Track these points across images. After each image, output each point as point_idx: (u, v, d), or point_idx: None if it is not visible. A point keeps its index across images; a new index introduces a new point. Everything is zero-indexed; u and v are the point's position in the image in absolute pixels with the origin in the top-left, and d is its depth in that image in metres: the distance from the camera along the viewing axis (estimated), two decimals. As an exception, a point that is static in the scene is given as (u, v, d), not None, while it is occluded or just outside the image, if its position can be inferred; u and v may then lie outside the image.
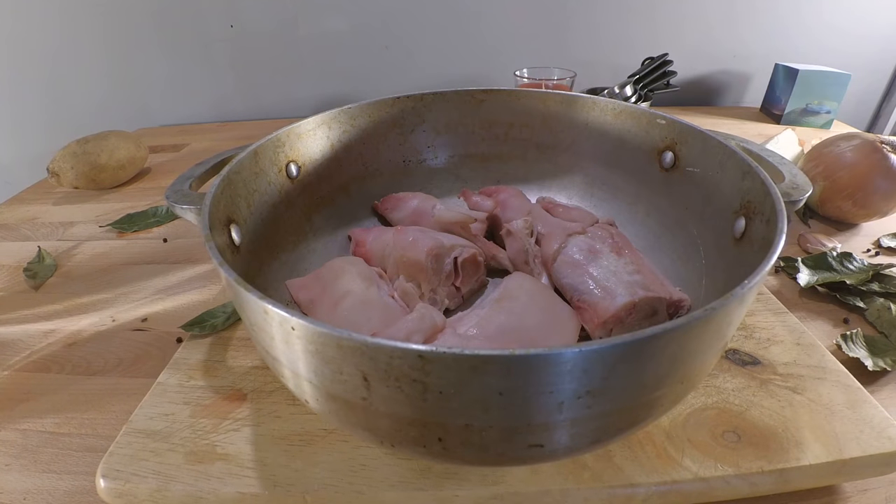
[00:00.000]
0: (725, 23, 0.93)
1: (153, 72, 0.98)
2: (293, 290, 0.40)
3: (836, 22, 0.92)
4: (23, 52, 0.94)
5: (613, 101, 0.48)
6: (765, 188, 0.32)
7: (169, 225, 0.63)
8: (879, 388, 0.37)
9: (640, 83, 0.82)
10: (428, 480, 0.29)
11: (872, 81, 0.98)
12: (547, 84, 0.79)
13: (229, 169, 0.36)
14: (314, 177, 0.47)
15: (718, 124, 0.88)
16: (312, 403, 0.25)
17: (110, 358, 0.43)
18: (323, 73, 0.99)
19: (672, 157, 0.44)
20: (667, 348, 0.21)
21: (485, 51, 0.97)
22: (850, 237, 0.56)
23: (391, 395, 0.21)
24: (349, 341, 0.20)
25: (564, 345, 0.19)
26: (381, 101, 0.50)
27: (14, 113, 1.00)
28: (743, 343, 0.38)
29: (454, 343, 0.32)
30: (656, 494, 0.29)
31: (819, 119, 0.87)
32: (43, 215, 0.68)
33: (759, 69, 0.97)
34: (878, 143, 0.54)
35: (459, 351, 0.19)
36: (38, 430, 0.37)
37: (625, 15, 0.93)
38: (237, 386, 0.36)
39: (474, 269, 0.43)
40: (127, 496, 0.29)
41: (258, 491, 0.29)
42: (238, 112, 1.03)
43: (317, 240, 0.47)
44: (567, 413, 0.21)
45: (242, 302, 0.24)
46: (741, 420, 0.32)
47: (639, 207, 0.48)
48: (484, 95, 0.53)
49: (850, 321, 0.44)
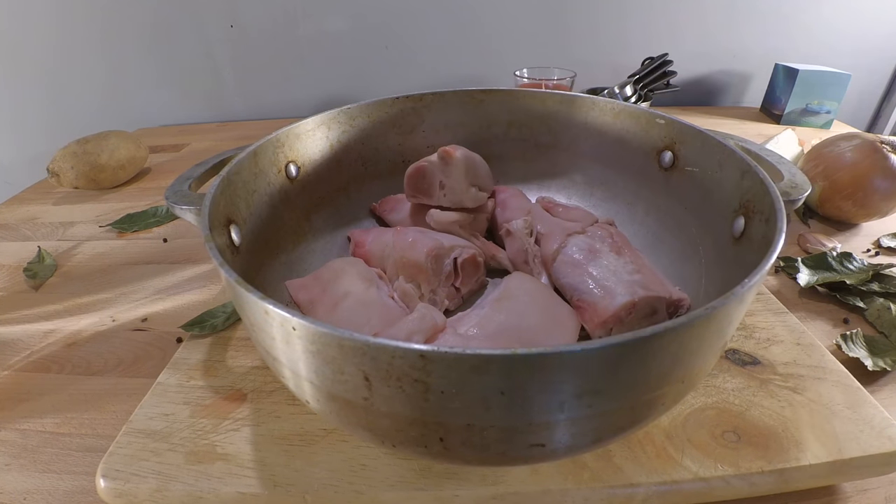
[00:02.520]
0: (725, 23, 0.93)
1: (153, 72, 0.98)
2: (293, 290, 0.40)
3: (836, 22, 0.92)
4: (23, 53, 0.94)
5: (612, 101, 0.48)
6: (764, 187, 0.32)
7: (169, 225, 0.63)
8: (879, 388, 0.38)
9: (640, 83, 0.82)
10: (428, 480, 0.29)
11: (872, 81, 0.98)
12: (547, 84, 0.79)
13: (229, 169, 0.36)
14: (313, 177, 0.47)
15: (718, 124, 0.88)
16: (313, 403, 0.25)
17: (110, 358, 0.43)
18: (323, 73, 0.99)
19: (671, 157, 0.44)
20: (667, 348, 0.21)
21: (485, 51, 0.97)
22: (849, 237, 0.56)
23: (392, 394, 0.21)
24: (351, 341, 0.20)
25: (565, 344, 0.19)
26: (381, 102, 0.50)
27: (14, 113, 1.00)
28: (743, 343, 0.38)
29: (455, 343, 0.32)
30: (656, 494, 0.29)
31: (819, 119, 0.87)
32: (43, 215, 0.68)
33: (759, 69, 0.97)
34: (878, 143, 0.54)
35: (461, 351, 0.19)
36: (38, 430, 0.37)
37: (625, 15, 0.93)
38: (237, 386, 0.36)
39: (474, 270, 0.43)
40: (127, 496, 0.29)
41: (258, 491, 0.29)
42: (238, 112, 1.03)
43: (316, 240, 0.47)
44: (568, 412, 0.21)
45: (243, 302, 0.24)
46: (741, 420, 0.32)
47: (638, 207, 0.48)
48: (483, 95, 0.53)
49: (849, 321, 0.44)
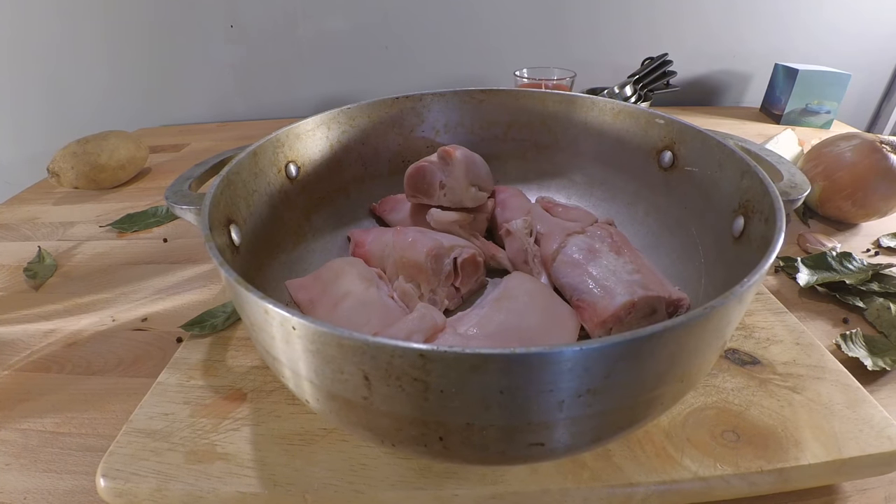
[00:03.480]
0: (725, 23, 0.93)
1: (153, 72, 0.98)
2: (293, 290, 0.40)
3: (836, 22, 0.92)
4: (23, 53, 0.94)
5: (612, 101, 0.48)
6: (763, 187, 0.32)
7: (169, 225, 0.63)
8: (879, 387, 0.38)
9: (640, 83, 0.82)
10: (427, 480, 0.29)
11: (872, 81, 0.99)
12: (547, 84, 0.79)
13: (229, 169, 0.36)
14: (313, 177, 0.47)
15: (718, 124, 0.88)
16: (313, 403, 0.25)
17: (110, 358, 0.43)
18: (323, 73, 0.99)
19: (671, 157, 0.44)
20: (666, 347, 0.21)
21: (485, 51, 0.97)
22: (849, 237, 0.56)
23: (392, 394, 0.21)
24: (351, 341, 0.20)
25: (565, 343, 0.19)
26: (381, 102, 0.50)
27: (14, 113, 1.00)
28: (742, 343, 0.38)
29: (454, 342, 0.32)
30: (655, 494, 0.29)
31: (819, 119, 0.87)
32: (43, 215, 0.68)
33: (759, 69, 0.97)
34: (878, 143, 0.54)
35: (460, 350, 0.19)
36: (38, 429, 0.37)
37: (625, 15, 0.93)
38: (237, 386, 0.36)
39: (474, 270, 0.43)
40: (127, 496, 0.30)
41: (258, 490, 0.29)
42: (238, 112, 1.03)
43: (316, 240, 0.47)
44: (567, 411, 0.21)
45: (243, 302, 0.24)
46: (740, 420, 0.32)
47: (638, 207, 0.48)
48: (483, 95, 0.53)
49: (849, 321, 0.44)
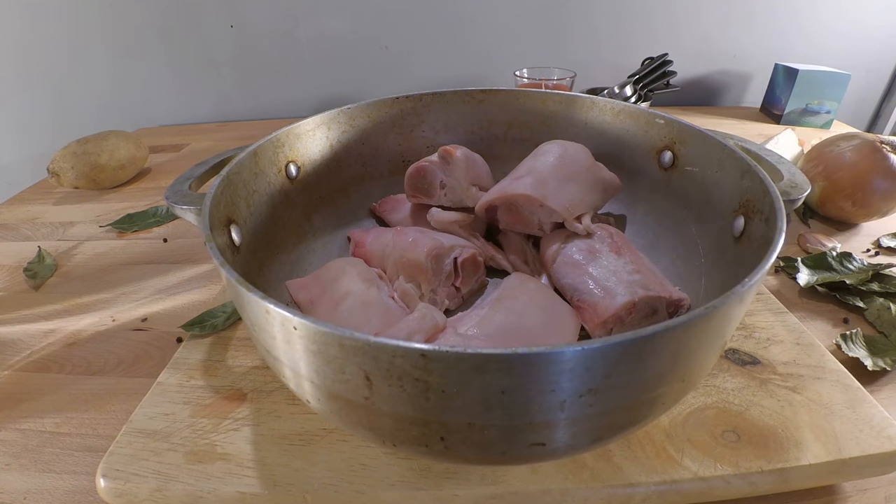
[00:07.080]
0: (725, 23, 0.93)
1: (153, 72, 0.98)
2: (293, 290, 0.40)
3: (836, 22, 0.92)
4: (23, 53, 0.94)
5: (612, 101, 0.48)
6: (763, 187, 0.32)
7: (169, 225, 0.63)
8: (879, 387, 0.38)
9: (640, 83, 0.82)
10: (428, 480, 0.29)
11: (872, 81, 0.99)
12: (546, 84, 0.79)
13: (229, 169, 0.36)
14: (314, 177, 0.47)
15: (718, 124, 0.88)
16: (313, 403, 0.25)
17: (110, 358, 0.43)
18: (323, 73, 0.99)
19: (671, 157, 0.44)
20: (667, 347, 0.21)
21: (485, 51, 0.97)
22: (849, 237, 0.56)
23: (393, 394, 0.21)
24: (352, 341, 0.20)
25: (566, 343, 0.19)
26: (381, 102, 0.50)
27: (15, 113, 1.00)
28: (742, 343, 0.38)
29: (455, 342, 0.32)
30: (655, 494, 0.29)
31: (819, 119, 0.87)
32: (43, 215, 0.68)
33: (759, 69, 0.97)
34: (878, 143, 0.54)
35: (462, 350, 0.19)
36: (38, 430, 0.37)
37: (624, 15, 0.93)
38: (237, 386, 0.36)
39: (474, 270, 0.43)
40: (127, 496, 0.29)
41: (258, 490, 0.29)
42: (238, 112, 1.03)
43: (316, 240, 0.47)
44: (568, 411, 0.21)
45: (244, 302, 0.24)
46: (741, 420, 0.32)
47: (638, 207, 0.48)
48: (483, 95, 0.53)
49: (849, 321, 0.44)
